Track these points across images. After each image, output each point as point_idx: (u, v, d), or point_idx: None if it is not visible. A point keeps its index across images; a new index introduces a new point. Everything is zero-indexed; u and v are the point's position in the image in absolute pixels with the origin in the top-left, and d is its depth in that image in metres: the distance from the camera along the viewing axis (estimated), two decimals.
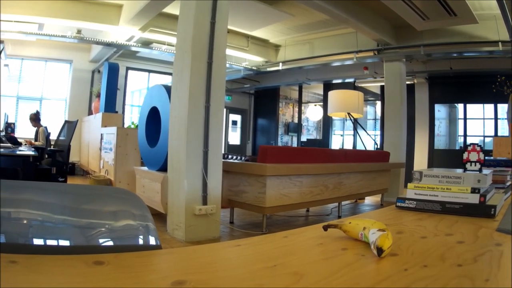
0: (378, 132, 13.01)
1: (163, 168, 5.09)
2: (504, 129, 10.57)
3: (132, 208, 1.01)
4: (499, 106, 10.59)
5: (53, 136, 7.20)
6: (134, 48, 10.01)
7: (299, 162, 5.34)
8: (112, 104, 8.76)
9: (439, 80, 11.23)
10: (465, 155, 1.65)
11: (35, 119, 7.60)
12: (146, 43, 10.03)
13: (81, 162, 10.95)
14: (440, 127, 11.70)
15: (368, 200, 8.39)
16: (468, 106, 11.31)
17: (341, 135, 15.06)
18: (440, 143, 11.63)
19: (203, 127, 4.54)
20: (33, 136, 7.95)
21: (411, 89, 10.77)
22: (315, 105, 15.43)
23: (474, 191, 1.33)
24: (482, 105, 10.98)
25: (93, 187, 1.32)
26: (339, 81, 12.59)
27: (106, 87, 8.78)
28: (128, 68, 12.62)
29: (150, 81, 13.20)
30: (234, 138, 15.99)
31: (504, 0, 5.79)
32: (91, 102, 11.49)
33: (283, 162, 5.08)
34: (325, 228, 1.00)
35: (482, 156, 1.63)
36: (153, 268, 0.78)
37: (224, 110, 5.30)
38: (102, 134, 7.75)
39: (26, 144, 6.89)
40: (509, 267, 0.76)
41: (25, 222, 0.91)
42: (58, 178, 5.74)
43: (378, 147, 11.17)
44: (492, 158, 3.58)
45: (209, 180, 4.55)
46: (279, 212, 5.74)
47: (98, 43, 9.55)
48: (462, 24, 7.84)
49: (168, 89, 5.20)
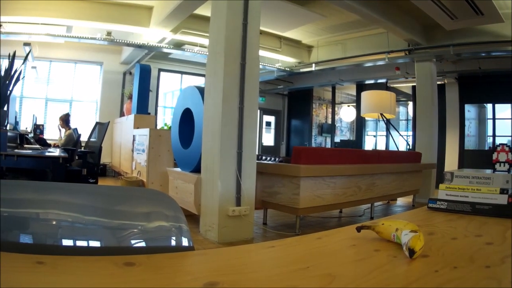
0: (410, 133, 12.86)
1: (197, 170, 5.11)
2: None
3: (165, 209, 1.01)
4: None
5: (84, 138, 7.27)
6: (166, 50, 10.04)
7: (332, 163, 5.31)
8: (144, 106, 8.84)
9: (468, 80, 11.04)
10: (494, 156, 1.68)
11: (65, 120, 7.65)
12: (178, 45, 10.06)
13: (112, 163, 11.09)
14: (470, 127, 11.53)
15: (400, 201, 8.32)
16: (496, 106, 11.13)
17: (374, 136, 14.93)
18: (470, 143, 11.47)
19: (237, 128, 4.54)
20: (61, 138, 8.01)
21: (441, 89, 10.61)
22: (348, 105, 15.33)
23: (503, 192, 1.35)
24: (510, 105, 10.77)
25: (125, 188, 1.31)
26: (372, 81, 12.52)
27: (138, 89, 8.84)
28: (160, 70, 12.67)
29: (183, 82, 13.22)
30: (268, 139, 15.98)
31: None
32: (122, 104, 11.61)
33: (317, 163, 5.04)
34: (358, 229, 1.02)
35: (511, 156, 1.63)
36: (185, 269, 0.79)
37: (258, 111, 5.27)
38: (134, 136, 7.85)
39: (56, 146, 6.96)
40: None
41: (54, 223, 0.92)
42: (88, 179, 5.77)
43: (410, 147, 11.07)
44: None
45: (243, 181, 4.54)
46: (312, 213, 5.72)
47: (129, 45, 9.61)
48: (489, 23, 7.71)
49: (201, 90, 5.22)
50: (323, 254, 0.90)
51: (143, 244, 0.95)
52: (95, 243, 0.92)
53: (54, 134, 9.77)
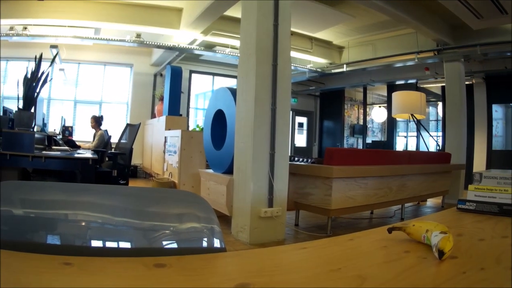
0: (440, 133, 12.69)
1: (229, 171, 5.13)
2: None
3: (197, 211, 1.01)
4: None
5: (114, 139, 7.33)
6: (197, 52, 10.08)
7: (364, 164, 5.28)
8: (176, 107, 8.86)
9: (495, 80, 10.85)
10: None
11: (96, 121, 7.70)
12: (209, 46, 10.08)
13: (143, 164, 11.19)
14: (497, 127, 11.35)
15: (429, 202, 8.25)
16: None
17: (404, 137, 14.78)
18: (497, 144, 11.29)
19: (269, 129, 4.54)
20: (91, 139, 8.02)
21: (469, 89, 10.48)
22: (380, 106, 15.18)
23: None
24: None
25: (158, 189, 1.34)
26: (402, 82, 12.43)
27: (169, 91, 8.86)
28: (191, 72, 12.74)
29: (214, 84, 13.27)
30: (301, 140, 15.93)
31: None
32: (153, 105, 11.68)
33: (348, 164, 5.02)
34: (389, 230, 1.03)
35: None
36: (216, 270, 0.80)
37: (290, 112, 5.28)
38: (166, 137, 7.89)
39: (85, 148, 7.01)
40: None
41: (83, 224, 0.93)
42: (119, 180, 5.75)
43: (440, 148, 10.96)
44: None
45: (275, 183, 4.54)
46: (343, 215, 5.70)
47: (159, 46, 9.67)
48: None
49: (233, 91, 5.24)
50: (354, 256, 0.91)
51: (174, 245, 0.95)
52: (125, 244, 0.93)
53: (83, 135, 9.95)
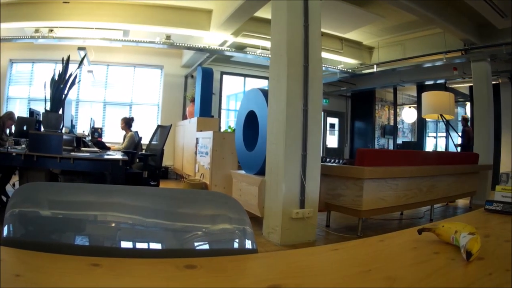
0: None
1: (261, 172, 5.15)
2: None
3: (229, 212, 1.01)
4: None
5: (144, 141, 7.36)
6: (227, 53, 10.08)
7: (395, 165, 5.26)
8: (207, 109, 8.85)
9: None
10: None
11: (126, 123, 7.58)
12: (240, 48, 10.06)
13: (175, 166, 11.26)
14: None
15: (458, 202, 8.17)
16: None
17: (434, 137, 14.58)
18: None
19: (301, 130, 4.54)
20: (121, 141, 7.89)
21: (496, 89, 10.30)
22: (410, 107, 14.99)
23: None
24: None
25: (189, 191, 1.36)
26: (431, 82, 12.27)
27: (200, 92, 8.87)
28: (222, 73, 12.74)
29: (246, 85, 13.26)
30: (332, 141, 15.86)
31: None
32: (185, 107, 11.71)
33: (379, 165, 5.01)
34: (419, 231, 1.04)
35: None
36: (247, 272, 0.81)
37: (322, 113, 5.29)
38: (197, 138, 7.91)
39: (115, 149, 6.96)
40: None
41: (112, 225, 0.93)
42: (150, 182, 5.79)
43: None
44: None
45: (307, 184, 4.54)
46: (374, 216, 5.70)
47: (189, 48, 9.71)
48: None
49: (265, 93, 5.27)
50: (384, 257, 0.93)
51: (206, 246, 0.95)
52: (155, 246, 0.93)
53: (113, 137, 10.04)
